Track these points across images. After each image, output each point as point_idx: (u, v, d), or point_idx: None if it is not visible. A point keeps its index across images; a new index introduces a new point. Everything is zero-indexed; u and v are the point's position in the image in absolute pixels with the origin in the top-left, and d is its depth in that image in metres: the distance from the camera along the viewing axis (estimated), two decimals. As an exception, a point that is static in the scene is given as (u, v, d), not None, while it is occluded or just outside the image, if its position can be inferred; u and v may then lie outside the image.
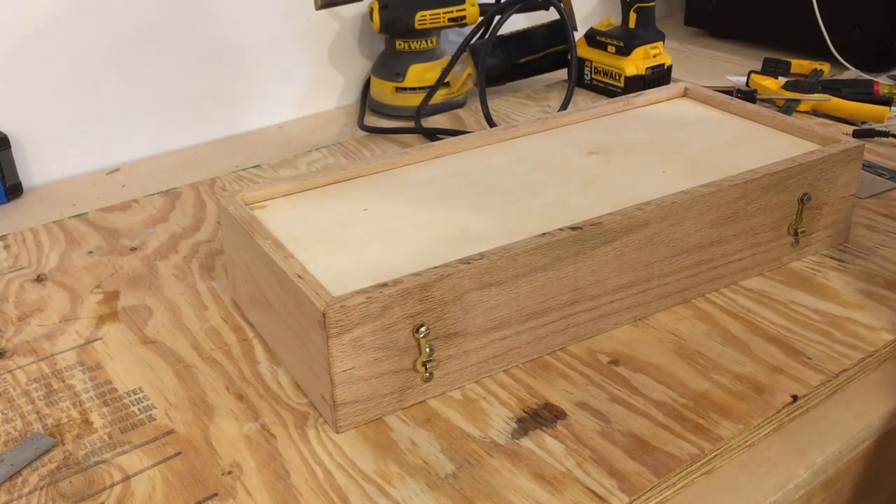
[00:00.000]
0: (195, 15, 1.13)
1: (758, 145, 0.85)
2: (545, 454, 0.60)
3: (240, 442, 0.62)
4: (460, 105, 1.25)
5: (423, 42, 1.21)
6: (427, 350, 0.63)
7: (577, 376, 0.67)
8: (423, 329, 0.62)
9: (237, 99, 1.20)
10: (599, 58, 1.26)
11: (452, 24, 1.20)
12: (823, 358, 0.69)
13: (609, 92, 1.25)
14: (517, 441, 0.61)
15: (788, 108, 1.16)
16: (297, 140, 1.18)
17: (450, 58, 1.23)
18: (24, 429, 0.64)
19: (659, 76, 1.24)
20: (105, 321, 0.77)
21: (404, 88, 1.22)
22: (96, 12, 1.05)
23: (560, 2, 1.19)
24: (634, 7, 1.22)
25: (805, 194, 0.79)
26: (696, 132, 0.89)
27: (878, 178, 0.98)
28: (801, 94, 1.18)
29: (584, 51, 1.28)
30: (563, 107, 1.16)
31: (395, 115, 1.23)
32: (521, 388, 0.67)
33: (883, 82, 1.23)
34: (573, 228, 0.68)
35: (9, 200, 1.02)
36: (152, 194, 1.02)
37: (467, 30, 1.25)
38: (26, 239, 0.92)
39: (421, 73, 1.21)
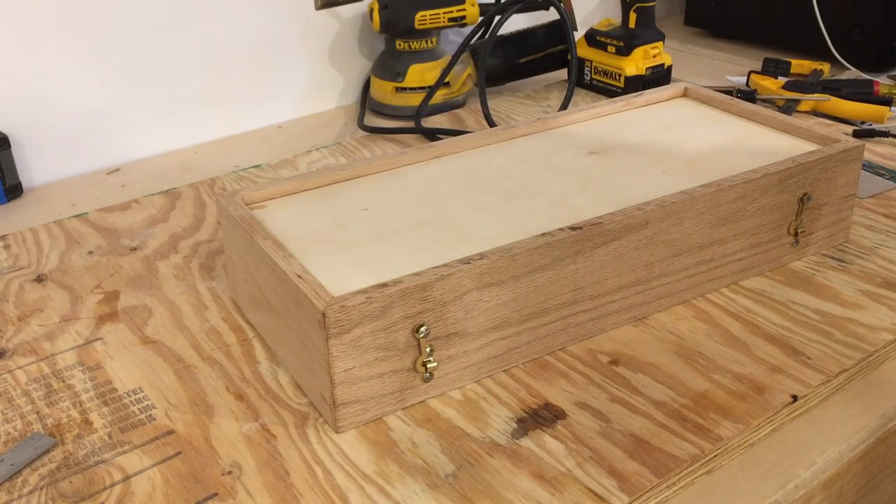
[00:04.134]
0: (195, 15, 1.13)
1: (758, 145, 0.85)
2: (545, 454, 0.60)
3: (240, 442, 0.62)
4: (460, 105, 1.25)
5: (423, 42, 1.21)
6: (427, 350, 0.63)
7: (577, 376, 0.67)
8: (422, 329, 0.62)
9: (237, 99, 1.20)
10: (599, 58, 1.26)
11: (452, 24, 1.20)
12: (823, 358, 0.69)
13: (609, 92, 1.25)
14: (517, 441, 0.61)
15: (788, 108, 1.16)
16: (297, 140, 1.18)
17: (450, 58, 1.23)
18: (24, 429, 0.64)
19: (659, 76, 1.24)
20: (105, 321, 0.77)
21: (404, 88, 1.21)
22: (96, 12, 1.05)
23: (560, 2, 1.19)
24: (634, 7, 1.22)
25: (805, 194, 0.79)
26: (696, 132, 0.89)
27: (878, 178, 0.98)
28: (801, 94, 1.18)
29: (584, 51, 1.28)
30: (563, 107, 1.16)
31: (395, 115, 1.23)
32: (521, 388, 0.67)
33: (883, 82, 1.23)
34: (573, 228, 0.68)
35: (9, 200, 1.02)
36: (152, 194, 1.02)
37: (467, 30, 1.25)
38: (26, 239, 0.92)
39: (421, 73, 1.21)
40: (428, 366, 0.63)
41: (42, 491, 0.58)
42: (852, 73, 1.33)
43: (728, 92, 1.15)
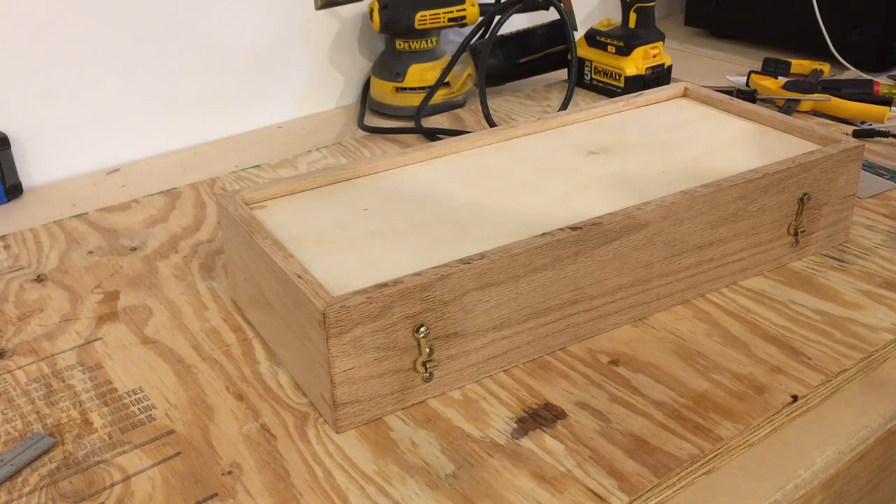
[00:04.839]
0: (195, 15, 1.13)
1: (758, 145, 0.85)
2: (545, 454, 0.60)
3: (240, 442, 0.62)
4: (460, 105, 1.25)
5: (423, 42, 1.21)
6: (427, 350, 0.63)
7: (577, 376, 0.67)
8: (423, 329, 0.62)
9: (237, 99, 1.20)
10: (599, 58, 1.26)
11: (452, 24, 1.20)
12: (823, 358, 0.69)
13: (609, 92, 1.25)
14: (517, 441, 0.61)
15: (788, 108, 1.16)
16: (297, 140, 1.18)
17: (450, 58, 1.23)
18: (24, 429, 0.64)
19: (659, 76, 1.24)
20: (105, 321, 0.77)
21: (404, 88, 1.21)
22: (97, 12, 1.05)
23: (560, 2, 1.19)
24: (634, 7, 1.22)
25: (805, 194, 0.79)
26: (696, 132, 0.89)
27: (878, 178, 0.98)
28: (801, 94, 1.18)
29: (584, 51, 1.28)
30: (563, 107, 1.16)
31: (395, 115, 1.23)
32: (521, 388, 0.67)
33: (883, 82, 1.23)
34: (573, 228, 0.68)
35: (9, 200, 1.02)
36: (152, 194, 1.02)
37: (467, 30, 1.25)
38: (26, 239, 0.92)
39: (421, 73, 1.21)
40: (428, 366, 0.63)
41: (42, 491, 0.58)
42: (852, 73, 1.33)
43: (728, 92, 1.15)
